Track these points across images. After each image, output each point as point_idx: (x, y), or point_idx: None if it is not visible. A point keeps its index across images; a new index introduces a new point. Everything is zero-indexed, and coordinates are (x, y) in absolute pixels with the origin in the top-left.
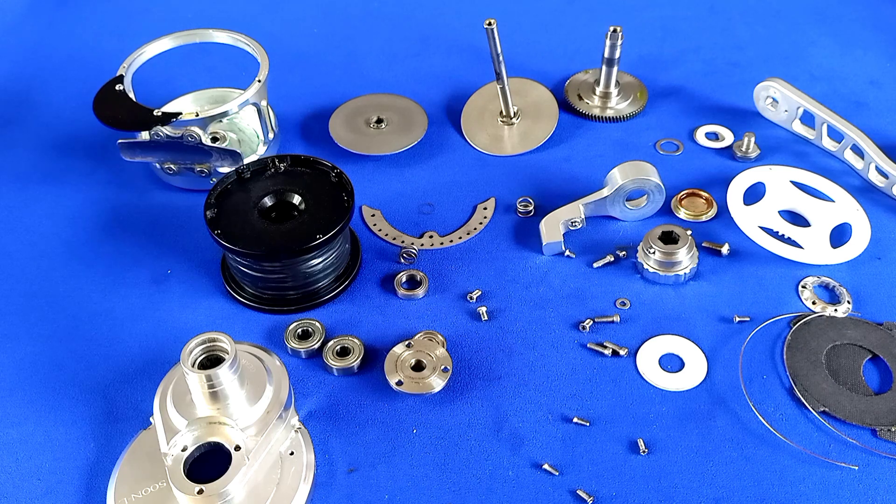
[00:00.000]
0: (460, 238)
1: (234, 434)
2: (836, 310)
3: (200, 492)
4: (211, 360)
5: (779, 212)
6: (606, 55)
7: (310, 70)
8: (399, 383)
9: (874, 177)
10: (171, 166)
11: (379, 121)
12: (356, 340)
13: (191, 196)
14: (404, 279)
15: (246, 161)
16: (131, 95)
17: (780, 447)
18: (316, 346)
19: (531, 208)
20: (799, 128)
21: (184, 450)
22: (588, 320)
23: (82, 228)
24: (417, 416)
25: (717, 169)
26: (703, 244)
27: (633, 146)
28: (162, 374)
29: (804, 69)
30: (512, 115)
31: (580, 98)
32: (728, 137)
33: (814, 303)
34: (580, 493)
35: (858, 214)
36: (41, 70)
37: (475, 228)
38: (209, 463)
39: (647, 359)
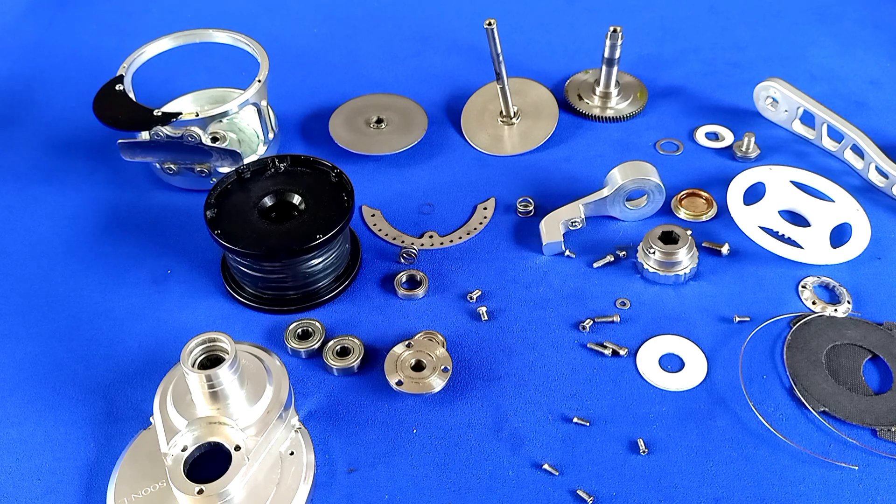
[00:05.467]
0: (460, 238)
1: (234, 434)
2: (836, 310)
3: (200, 492)
4: (211, 360)
5: (779, 212)
6: (606, 55)
7: (310, 70)
8: (399, 383)
9: (874, 177)
10: (171, 166)
11: (379, 121)
12: (356, 340)
13: (191, 196)
14: (404, 279)
15: (246, 161)
16: (131, 95)
17: (780, 447)
18: (316, 346)
19: (531, 208)
20: (799, 128)
21: (184, 450)
22: (588, 320)
23: (82, 228)
24: (417, 416)
25: (717, 169)
26: (703, 244)
27: (633, 146)
28: (162, 374)
29: (804, 69)
30: (512, 115)
31: (580, 98)
32: (728, 137)
33: (814, 303)
34: (580, 493)
35: (858, 214)
36: (41, 70)
37: (475, 228)
38: (209, 463)
39: (647, 359)
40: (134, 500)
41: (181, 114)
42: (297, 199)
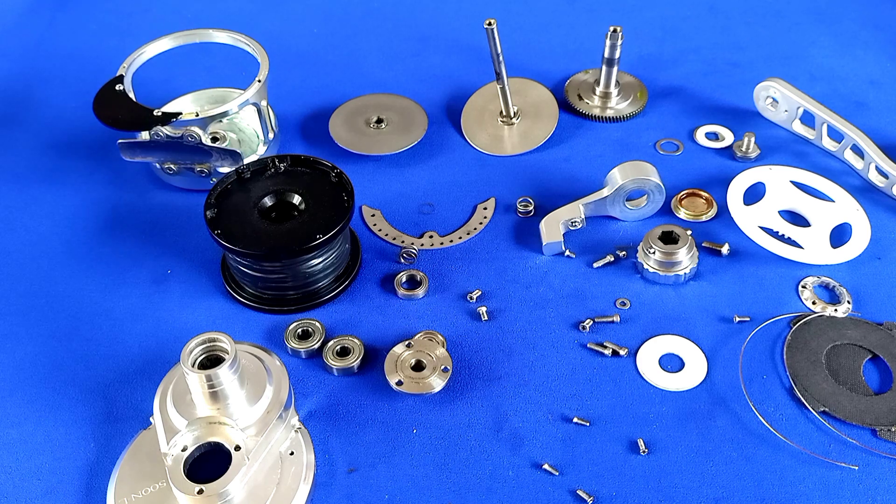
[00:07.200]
0: (460, 238)
1: (234, 434)
2: (836, 310)
3: (200, 492)
4: (211, 360)
5: (779, 212)
6: (606, 55)
7: (310, 70)
8: (399, 383)
9: (874, 177)
10: (171, 166)
11: (379, 121)
12: (356, 340)
13: (191, 196)
14: (404, 279)
15: (246, 161)
16: (131, 95)
17: (780, 447)
18: (316, 346)
19: (531, 208)
20: (799, 128)
21: (184, 450)
22: (588, 320)
23: (82, 228)
24: (417, 416)
25: (717, 169)
26: (703, 244)
27: (633, 146)
28: (162, 374)
29: (804, 69)
30: (512, 115)
31: (580, 98)
32: (728, 137)
33: (814, 303)
34: (580, 493)
35: (858, 214)
36: (41, 70)
37: (475, 228)
38: (209, 463)
39: (647, 359)
40: (134, 500)
41: (181, 114)
42: (297, 199)
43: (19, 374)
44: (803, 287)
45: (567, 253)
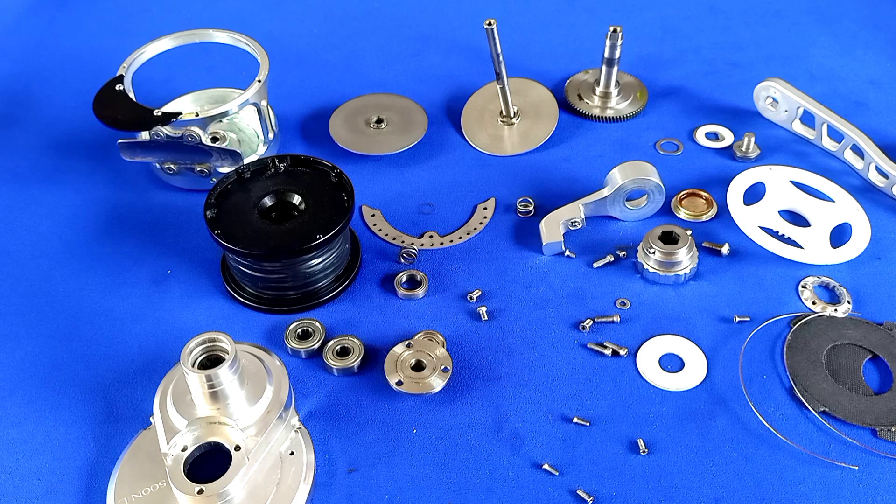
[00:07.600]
0: (460, 238)
1: (234, 434)
2: (836, 310)
3: (200, 492)
4: (211, 360)
5: (779, 212)
6: (606, 55)
7: (310, 70)
8: (399, 383)
9: (874, 177)
10: (171, 166)
11: (379, 121)
12: (356, 340)
13: (191, 196)
14: (404, 279)
15: (246, 161)
16: (131, 95)
17: (780, 447)
18: (316, 346)
19: (531, 208)
20: (799, 128)
21: (184, 450)
22: (588, 320)
23: (82, 228)
24: (417, 416)
25: (717, 169)
26: (703, 244)
27: (633, 146)
28: (162, 374)
29: (804, 69)
30: (512, 115)
31: (580, 98)
32: (728, 137)
33: (814, 303)
34: (580, 493)
35: (858, 214)
36: (41, 70)
37: (475, 228)
38: (209, 463)
39: (647, 359)
40: (134, 500)
41: (181, 114)
42: (297, 199)
43: (19, 374)
44: (803, 287)
45: (567, 253)
